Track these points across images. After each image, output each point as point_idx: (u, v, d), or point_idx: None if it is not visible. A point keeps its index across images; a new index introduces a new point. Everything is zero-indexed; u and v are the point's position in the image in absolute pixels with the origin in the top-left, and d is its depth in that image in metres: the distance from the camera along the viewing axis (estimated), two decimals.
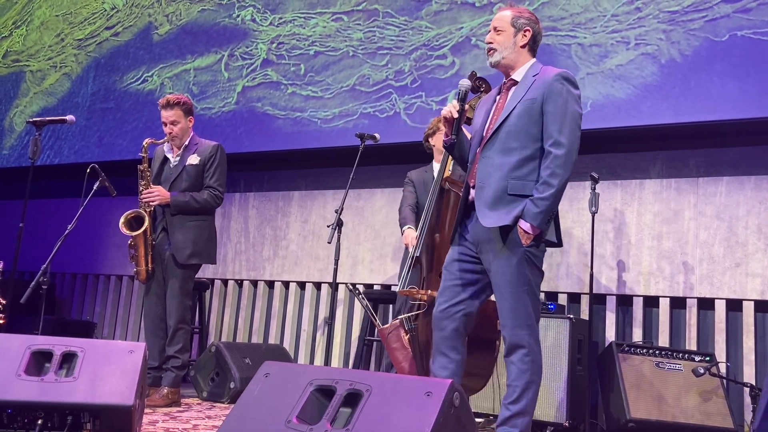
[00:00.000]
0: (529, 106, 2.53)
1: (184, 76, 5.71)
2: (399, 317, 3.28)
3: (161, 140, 3.95)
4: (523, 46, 2.63)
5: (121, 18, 6.26)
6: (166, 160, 3.98)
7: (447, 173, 3.43)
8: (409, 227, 3.90)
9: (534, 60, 2.67)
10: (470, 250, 2.61)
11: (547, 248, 2.61)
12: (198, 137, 4.04)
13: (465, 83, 2.62)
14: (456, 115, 2.56)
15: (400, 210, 4.08)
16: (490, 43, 2.63)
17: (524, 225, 2.46)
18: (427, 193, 3.55)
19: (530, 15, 2.67)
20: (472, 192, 2.60)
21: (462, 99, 2.59)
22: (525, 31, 2.63)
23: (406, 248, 3.93)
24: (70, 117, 4.02)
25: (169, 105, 3.88)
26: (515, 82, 2.63)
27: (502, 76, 2.72)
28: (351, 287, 4.28)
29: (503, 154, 2.52)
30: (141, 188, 3.84)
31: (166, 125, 3.90)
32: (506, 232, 2.49)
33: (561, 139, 2.47)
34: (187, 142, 3.96)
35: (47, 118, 4.01)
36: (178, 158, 3.94)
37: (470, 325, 2.63)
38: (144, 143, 3.90)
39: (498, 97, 2.68)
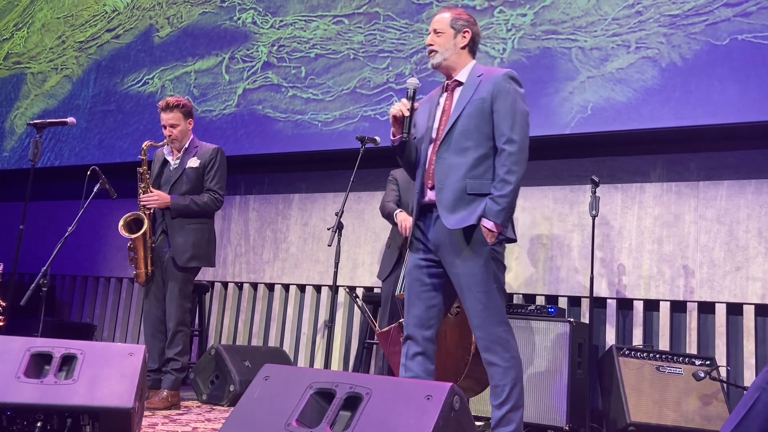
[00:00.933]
0: (480, 106, 2.56)
1: (185, 78, 5.72)
2: (398, 321, 3.28)
3: (161, 143, 3.94)
4: (463, 48, 2.67)
5: (122, 20, 6.27)
6: (166, 162, 3.98)
7: None
8: (399, 210, 3.84)
9: (474, 61, 2.73)
10: (430, 253, 2.61)
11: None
12: (198, 140, 4.04)
13: (414, 82, 2.63)
14: (407, 114, 2.57)
15: (384, 205, 3.99)
16: (431, 45, 2.67)
17: (488, 223, 2.48)
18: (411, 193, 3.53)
19: (468, 17, 2.72)
20: (429, 193, 2.60)
21: (411, 98, 2.61)
22: (464, 33, 2.67)
23: (399, 253, 3.92)
24: (70, 119, 4.02)
25: (168, 107, 3.88)
26: (459, 83, 2.66)
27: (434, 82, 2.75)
28: (348, 290, 4.28)
29: (458, 155, 2.55)
30: (140, 191, 3.84)
31: (165, 128, 3.90)
32: (469, 232, 2.51)
33: (513, 136, 2.53)
34: (187, 145, 3.96)
35: (48, 120, 4.01)
36: (178, 161, 3.94)
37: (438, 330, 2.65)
38: (143, 146, 3.90)
39: (442, 99, 2.70)
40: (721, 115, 3.70)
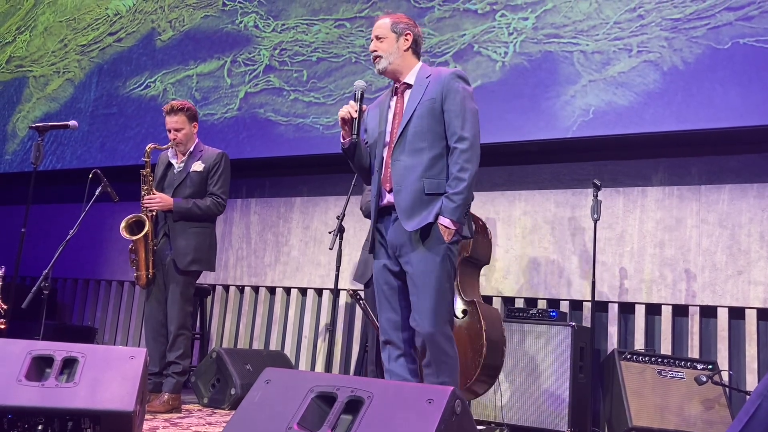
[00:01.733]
0: (430, 106, 2.60)
1: (187, 81, 5.73)
2: None
3: (165, 146, 3.95)
4: (406, 50, 2.71)
5: (125, 24, 6.28)
6: (170, 165, 3.98)
7: None
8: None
9: (420, 62, 2.77)
10: (391, 255, 2.63)
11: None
12: (203, 144, 4.05)
13: (362, 84, 2.67)
14: (355, 115, 2.61)
15: (364, 205, 3.89)
16: (375, 51, 2.71)
17: (444, 221, 2.51)
18: None
19: (408, 20, 2.76)
20: (387, 196, 2.62)
21: (359, 99, 2.64)
22: (406, 35, 2.71)
23: None
24: (72, 122, 4.02)
25: (173, 111, 3.89)
26: (408, 85, 2.69)
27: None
28: (351, 293, 4.27)
29: (413, 156, 2.57)
30: (143, 193, 3.84)
31: (170, 131, 3.90)
32: (427, 230, 2.54)
33: (464, 134, 2.56)
34: (191, 149, 3.96)
35: (50, 124, 4.02)
36: (182, 164, 3.94)
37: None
38: (147, 148, 3.90)
39: (392, 102, 2.72)
40: (723, 119, 3.70)
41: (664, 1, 3.95)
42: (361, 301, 3.64)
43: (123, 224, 3.79)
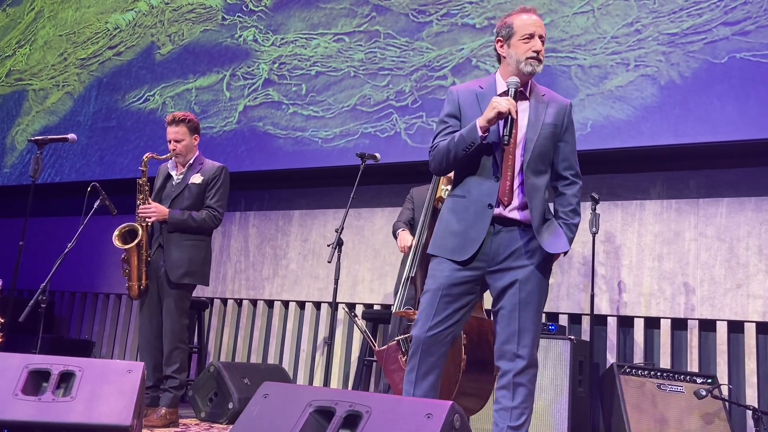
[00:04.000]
0: (552, 131, 2.51)
1: (186, 95, 5.74)
2: (396, 338, 3.26)
3: (163, 156, 3.94)
4: None
5: (124, 38, 6.31)
6: (169, 176, 3.97)
7: (440, 193, 3.42)
8: (402, 229, 3.88)
9: None
10: (475, 271, 2.48)
11: None
12: (203, 157, 4.03)
13: (516, 81, 2.46)
14: (515, 116, 2.40)
15: (394, 224, 4.05)
16: (540, 51, 2.50)
17: (565, 249, 2.48)
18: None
19: None
20: (500, 209, 2.46)
21: (514, 98, 2.43)
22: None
23: (401, 268, 3.91)
24: (71, 136, 4.02)
25: (174, 121, 3.88)
26: (524, 96, 2.53)
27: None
28: (346, 309, 4.25)
29: (537, 176, 2.49)
30: (138, 202, 3.83)
31: (170, 142, 3.90)
32: (542, 252, 2.47)
33: (579, 171, 2.57)
34: (191, 161, 3.95)
35: (49, 137, 4.02)
36: (181, 176, 3.93)
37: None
38: (144, 157, 3.88)
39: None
40: (720, 133, 3.71)
41: (661, 16, 3.98)
42: (357, 319, 3.61)
43: (116, 233, 3.77)
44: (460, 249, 2.48)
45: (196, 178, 3.89)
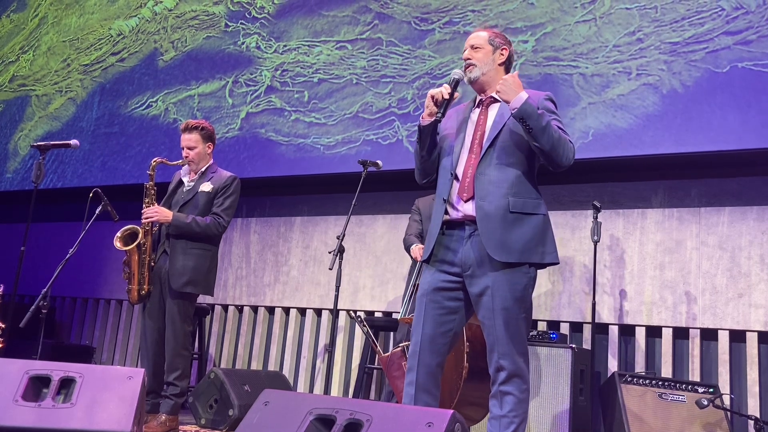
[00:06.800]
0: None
1: (189, 101, 5.75)
2: (400, 345, 3.26)
3: (173, 162, 3.94)
4: (500, 65, 2.64)
5: (127, 44, 6.33)
6: (181, 183, 3.96)
7: None
8: (415, 244, 3.94)
9: None
10: (453, 274, 2.49)
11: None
12: (217, 166, 4.02)
13: (459, 73, 2.59)
14: (447, 97, 2.50)
15: (405, 239, 4.09)
16: (469, 59, 2.63)
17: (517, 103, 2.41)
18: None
19: (505, 37, 2.72)
20: (464, 207, 2.50)
21: (454, 86, 2.55)
22: (502, 50, 2.65)
23: (408, 276, 3.92)
24: (74, 141, 4.03)
25: (188, 129, 3.88)
26: (494, 100, 2.61)
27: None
28: (352, 314, 4.26)
29: (500, 171, 2.48)
30: (144, 206, 3.82)
31: (183, 149, 3.90)
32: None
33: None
34: (204, 169, 3.93)
35: (51, 143, 4.02)
36: (192, 183, 3.91)
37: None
38: (153, 161, 3.88)
39: (473, 114, 2.64)
40: (722, 142, 3.71)
41: (663, 25, 3.99)
42: (364, 325, 3.61)
43: (118, 235, 3.76)
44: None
45: (206, 187, 3.87)
